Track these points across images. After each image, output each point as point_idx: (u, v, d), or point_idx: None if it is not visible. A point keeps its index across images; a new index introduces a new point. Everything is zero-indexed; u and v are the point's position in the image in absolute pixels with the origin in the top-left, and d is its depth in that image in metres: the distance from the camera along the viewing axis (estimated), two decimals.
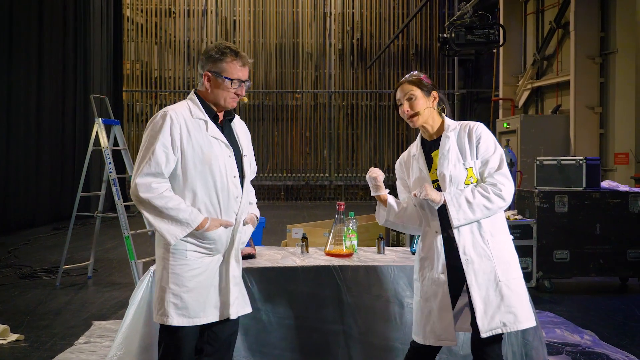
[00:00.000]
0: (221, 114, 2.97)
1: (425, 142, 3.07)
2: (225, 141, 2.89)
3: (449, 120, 3.04)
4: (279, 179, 20.33)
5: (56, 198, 13.66)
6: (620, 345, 4.84)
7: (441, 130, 3.03)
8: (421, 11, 19.93)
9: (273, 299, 3.60)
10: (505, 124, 14.84)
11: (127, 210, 7.03)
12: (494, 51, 14.03)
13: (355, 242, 4.02)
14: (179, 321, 2.82)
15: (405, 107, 2.98)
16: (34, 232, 11.48)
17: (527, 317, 2.87)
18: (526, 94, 16.56)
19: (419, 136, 3.11)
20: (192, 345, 2.91)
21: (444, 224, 2.94)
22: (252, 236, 3.41)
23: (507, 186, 2.84)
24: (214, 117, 2.91)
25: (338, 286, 3.62)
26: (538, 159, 7.35)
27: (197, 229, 2.78)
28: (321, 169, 20.76)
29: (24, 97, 12.39)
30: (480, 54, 9.92)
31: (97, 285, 7.10)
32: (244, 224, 2.96)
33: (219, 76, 2.87)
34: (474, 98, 20.42)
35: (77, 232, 7.32)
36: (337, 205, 3.98)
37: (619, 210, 6.79)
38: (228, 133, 2.97)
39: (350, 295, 3.62)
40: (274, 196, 20.14)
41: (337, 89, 20.84)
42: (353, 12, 20.93)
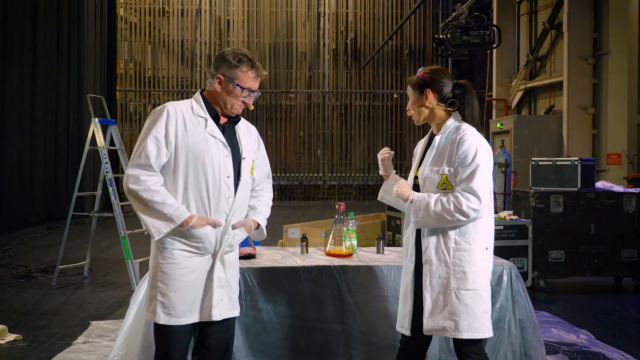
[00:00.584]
0: (222, 115, 2.96)
1: (432, 136, 3.10)
2: (224, 141, 2.88)
3: (451, 120, 3.00)
4: (272, 178, 20.22)
5: (50, 198, 13.61)
6: (616, 345, 4.88)
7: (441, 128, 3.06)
8: (415, 11, 19.97)
9: (274, 299, 3.62)
10: (498, 125, 14.91)
11: (122, 210, 7.00)
12: (487, 52, 14.10)
13: (355, 242, 4.04)
14: (165, 320, 2.81)
15: (407, 107, 3.10)
16: (28, 232, 11.44)
17: (468, 329, 2.85)
18: (519, 94, 16.64)
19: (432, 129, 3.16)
20: (184, 344, 2.89)
21: None
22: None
23: (471, 201, 2.80)
24: (214, 116, 2.91)
25: (339, 286, 3.64)
26: (533, 159, 7.40)
27: (181, 225, 2.76)
28: (315, 168, 20.77)
29: (17, 97, 12.35)
30: (475, 55, 9.94)
31: (94, 285, 7.09)
32: (232, 227, 2.89)
33: (231, 82, 2.87)
34: None
35: (71, 232, 7.28)
36: (337, 206, 4.00)
37: (613, 210, 6.84)
38: (230, 134, 2.96)
39: (351, 295, 3.64)
40: None
41: (331, 89, 20.85)
42: (347, 12, 20.95)
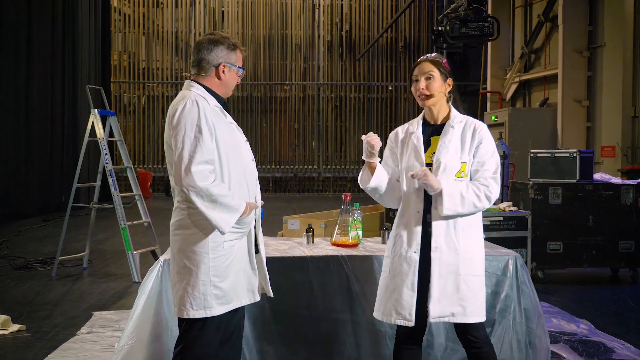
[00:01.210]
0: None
1: (427, 124, 3.12)
2: (239, 128, 2.98)
3: (455, 111, 3.11)
4: (267, 170, 20.34)
5: (45, 189, 13.58)
6: (616, 334, 4.93)
7: (446, 118, 3.09)
8: (410, 4, 19.98)
9: (282, 288, 3.62)
10: (493, 117, 14.95)
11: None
12: (479, 44, 14.14)
13: (361, 233, 4.06)
14: (219, 310, 2.83)
15: (422, 85, 3.02)
16: (24, 224, 11.42)
17: (474, 313, 2.95)
18: (514, 87, 16.69)
19: (421, 117, 3.16)
20: (222, 335, 2.93)
21: (426, 206, 3.00)
22: None
23: (495, 191, 2.96)
24: (223, 105, 2.96)
25: (346, 276, 3.66)
26: (532, 151, 7.45)
27: (241, 215, 2.81)
28: (310, 160, 20.80)
29: (12, 89, 12.30)
30: (474, 47, 9.96)
31: (93, 276, 7.10)
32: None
33: (234, 66, 2.94)
34: (462, 91, 20.52)
35: (67, 224, 7.28)
36: (343, 196, 4.02)
37: (611, 202, 6.89)
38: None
39: (358, 284, 3.66)
40: (263, 188, 19.82)
41: (325, 81, 20.86)
42: (342, 4, 20.94)
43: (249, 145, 3.00)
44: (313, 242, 4.11)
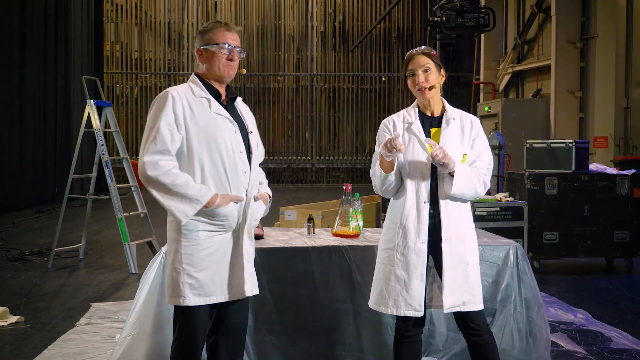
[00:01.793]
0: (223, 92, 2.99)
1: (424, 116, 3.12)
2: (230, 117, 2.91)
3: (447, 104, 3.15)
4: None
5: (39, 180, 13.52)
6: (613, 323, 4.97)
7: (442, 109, 3.11)
8: None
9: (284, 279, 3.65)
10: (486, 108, 14.98)
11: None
12: (475, 34, 14.14)
13: (361, 223, 4.07)
14: (195, 301, 2.81)
15: (421, 78, 3.02)
16: (18, 215, 11.37)
17: (480, 300, 3.03)
18: (507, 77, 16.72)
19: (415, 107, 3.14)
20: (207, 325, 2.91)
21: (432, 196, 3.01)
22: None
23: (489, 181, 3.08)
24: (216, 95, 2.93)
25: (348, 266, 3.68)
26: (528, 141, 7.47)
27: (206, 205, 2.77)
28: (303, 151, 20.78)
29: (5, 80, 12.20)
30: (469, 38, 9.95)
31: (90, 267, 7.08)
32: (254, 199, 2.95)
33: (209, 46, 2.91)
34: (455, 82, 20.54)
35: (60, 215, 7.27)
36: (344, 187, 4.03)
37: (606, 192, 6.93)
38: (232, 111, 2.98)
39: (360, 274, 3.67)
40: None
41: (319, 71, 20.81)
42: None
43: (240, 136, 2.92)
44: (314, 233, 4.12)
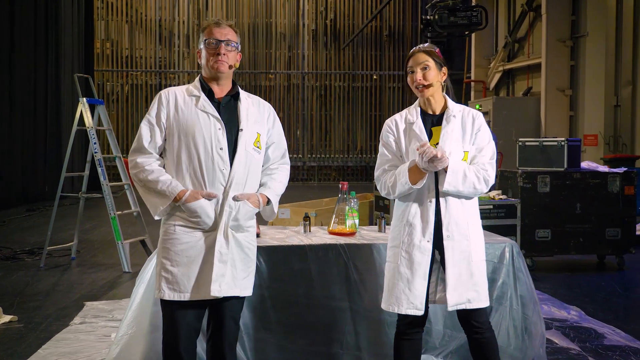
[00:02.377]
0: (221, 90, 2.97)
1: (425, 115, 3.12)
2: (216, 114, 2.89)
3: (451, 101, 3.14)
4: None
5: (29, 179, 13.44)
6: (606, 320, 5.01)
7: (444, 107, 3.10)
8: None
9: (281, 277, 3.64)
10: (477, 106, 14.99)
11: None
12: (466, 33, 14.20)
13: (357, 221, 4.08)
14: (169, 295, 2.82)
15: (418, 76, 3.02)
16: (8, 214, 11.30)
17: (486, 297, 3.04)
18: (497, 76, 16.80)
19: (417, 107, 3.14)
20: (189, 321, 2.87)
21: (436, 194, 3.01)
22: None
23: (492, 176, 3.04)
24: (208, 92, 2.95)
25: (345, 264, 3.68)
26: (520, 139, 7.50)
27: (175, 200, 2.82)
28: (294, 150, 20.76)
29: None
30: (462, 36, 9.98)
31: (82, 266, 7.05)
32: (234, 198, 2.86)
33: (201, 45, 2.98)
34: None
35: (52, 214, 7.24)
36: (340, 185, 4.03)
37: (598, 190, 6.98)
38: (229, 109, 2.96)
39: (357, 272, 3.68)
40: None
41: (310, 69, 20.80)
42: None
43: (223, 133, 2.87)
44: (310, 231, 4.12)
